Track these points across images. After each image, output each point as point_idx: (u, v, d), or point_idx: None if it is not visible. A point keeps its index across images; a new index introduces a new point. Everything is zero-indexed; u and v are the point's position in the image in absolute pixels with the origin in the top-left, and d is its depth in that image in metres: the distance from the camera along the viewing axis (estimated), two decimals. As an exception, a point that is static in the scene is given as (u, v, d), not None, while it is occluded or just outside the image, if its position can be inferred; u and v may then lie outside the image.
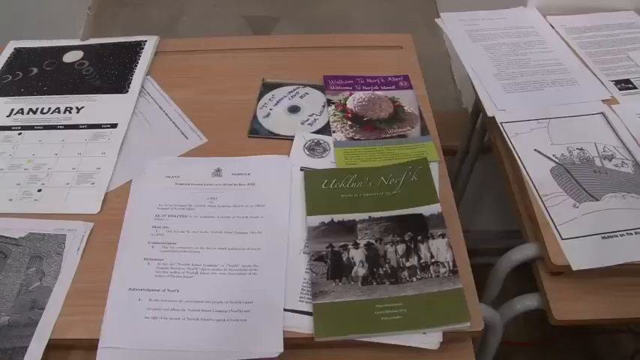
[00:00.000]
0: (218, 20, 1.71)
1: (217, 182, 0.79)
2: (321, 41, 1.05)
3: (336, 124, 0.86)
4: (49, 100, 0.95)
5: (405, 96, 0.91)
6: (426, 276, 0.68)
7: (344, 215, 0.74)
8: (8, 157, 0.86)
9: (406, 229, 0.72)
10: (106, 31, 1.61)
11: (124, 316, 0.67)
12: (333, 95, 0.91)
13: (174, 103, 0.92)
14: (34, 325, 0.67)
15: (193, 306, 0.67)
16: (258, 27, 1.64)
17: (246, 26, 1.67)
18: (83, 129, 0.89)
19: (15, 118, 0.92)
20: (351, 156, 0.82)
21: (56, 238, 0.76)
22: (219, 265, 0.70)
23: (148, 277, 0.70)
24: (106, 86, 0.96)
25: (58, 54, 1.04)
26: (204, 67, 1.00)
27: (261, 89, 0.93)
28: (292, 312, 0.66)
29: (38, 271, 0.72)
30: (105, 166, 0.83)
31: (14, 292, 0.71)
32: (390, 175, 0.79)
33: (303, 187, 0.77)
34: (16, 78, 1.00)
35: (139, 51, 1.02)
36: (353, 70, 0.97)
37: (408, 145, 0.83)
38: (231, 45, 1.05)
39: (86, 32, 1.49)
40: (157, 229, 0.74)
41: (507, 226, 1.53)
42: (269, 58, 1.02)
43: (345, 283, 0.68)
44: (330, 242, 0.71)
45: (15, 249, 0.75)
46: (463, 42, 1.06)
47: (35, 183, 0.82)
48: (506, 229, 1.53)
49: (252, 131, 0.86)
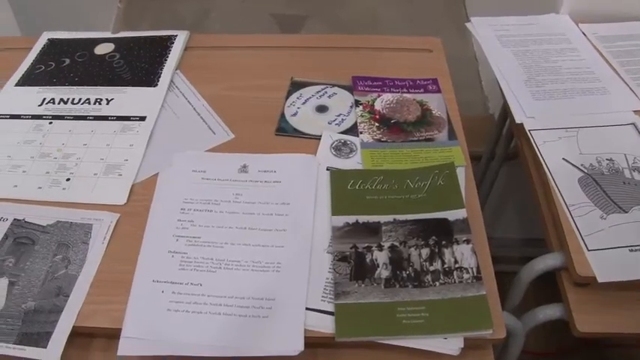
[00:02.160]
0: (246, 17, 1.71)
1: (243, 178, 0.79)
2: (350, 41, 1.05)
3: (364, 125, 0.86)
4: (79, 91, 0.96)
5: (434, 99, 0.91)
6: (449, 281, 0.68)
7: (369, 216, 0.74)
8: (39, 145, 0.88)
9: (431, 233, 0.72)
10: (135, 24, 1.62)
11: (146, 308, 0.67)
12: (361, 96, 0.91)
13: (202, 98, 0.93)
14: (59, 312, 0.68)
15: (216, 300, 0.67)
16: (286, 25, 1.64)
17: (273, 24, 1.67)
18: (112, 120, 0.90)
19: (46, 108, 0.94)
20: (377, 157, 0.82)
21: (83, 227, 0.76)
22: (243, 261, 0.70)
23: (171, 270, 0.70)
24: (136, 79, 0.97)
25: (90, 46, 1.05)
26: (232, 64, 1.00)
27: (289, 87, 0.94)
28: (314, 311, 0.66)
29: (64, 259, 0.73)
30: (132, 157, 0.84)
31: (41, 279, 0.72)
32: (417, 178, 0.78)
33: (329, 186, 0.78)
34: (49, 68, 1.01)
35: (170, 45, 1.03)
36: (381, 71, 0.97)
37: (435, 149, 0.83)
38: (260, 42, 1.05)
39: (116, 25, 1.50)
40: (182, 222, 0.75)
41: (529, 234, 1.51)
42: (297, 56, 1.02)
43: (367, 285, 0.67)
44: (354, 243, 0.71)
45: (43, 236, 0.76)
46: (493, 47, 1.05)
47: (64, 172, 0.83)
48: (528, 237, 1.52)
49: (279, 129, 0.86)
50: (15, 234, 0.76)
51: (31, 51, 1.06)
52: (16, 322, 0.68)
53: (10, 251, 0.75)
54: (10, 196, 0.81)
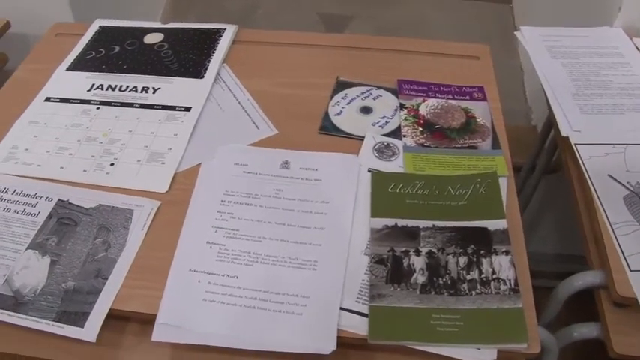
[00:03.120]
0: (292, 15, 1.72)
1: (284, 175, 0.79)
2: (397, 44, 1.04)
3: (407, 129, 0.86)
4: (127, 79, 0.98)
5: (479, 107, 0.90)
6: (486, 291, 0.67)
7: (408, 221, 0.73)
8: (85, 129, 0.89)
9: (469, 242, 0.71)
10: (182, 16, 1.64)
11: (182, 296, 0.68)
12: (406, 100, 0.91)
13: (247, 92, 0.93)
14: (97, 293, 0.69)
15: (251, 294, 0.67)
16: (332, 24, 1.64)
17: (319, 23, 1.67)
18: (158, 109, 0.92)
19: (95, 93, 0.96)
20: (419, 162, 0.81)
21: (124, 212, 0.78)
22: (280, 257, 0.70)
23: (209, 261, 0.71)
24: (183, 70, 0.98)
25: (140, 35, 1.07)
26: (279, 60, 1.01)
27: (334, 87, 0.94)
28: (348, 311, 0.66)
29: (105, 242, 0.75)
30: (176, 147, 0.85)
31: (81, 260, 0.73)
32: (458, 185, 0.78)
33: (370, 188, 0.77)
34: (99, 55, 1.03)
35: (218, 38, 1.04)
36: (427, 76, 0.96)
37: (478, 158, 0.82)
38: (307, 40, 1.06)
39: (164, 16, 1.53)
40: (222, 214, 0.75)
41: (564, 249, 1.49)
42: (343, 56, 1.02)
43: (403, 289, 0.67)
44: (392, 246, 0.71)
45: (85, 218, 0.77)
46: (542, 58, 1.04)
47: (109, 157, 0.85)
48: (563, 253, 1.49)
49: (322, 128, 0.87)
50: (59, 214, 0.78)
51: (82, 37, 1.08)
52: (56, 299, 0.69)
53: (53, 231, 0.76)
54: (56, 177, 0.83)
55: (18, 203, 0.80)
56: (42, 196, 0.80)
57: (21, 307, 0.69)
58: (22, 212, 0.79)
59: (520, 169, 1.32)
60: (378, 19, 1.63)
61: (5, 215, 0.78)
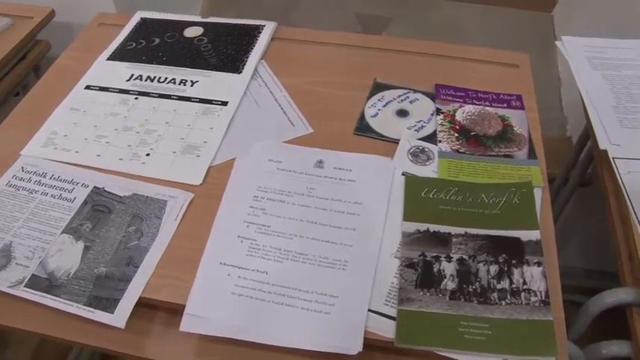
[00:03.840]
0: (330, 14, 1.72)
1: (318, 174, 0.79)
2: (435, 48, 1.04)
3: (443, 134, 0.85)
4: (166, 71, 0.99)
5: (516, 116, 0.89)
6: (516, 302, 0.66)
7: (440, 226, 0.73)
8: (123, 118, 0.91)
9: (501, 251, 0.71)
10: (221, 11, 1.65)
11: (211, 288, 0.69)
12: (443, 105, 0.90)
13: (284, 89, 0.94)
14: (127, 281, 0.70)
15: (280, 290, 0.68)
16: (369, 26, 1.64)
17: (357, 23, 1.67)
18: (195, 102, 0.92)
19: (133, 84, 0.97)
20: (454, 168, 0.80)
21: (157, 202, 0.79)
22: (310, 255, 0.71)
23: (239, 255, 0.71)
24: (221, 64, 0.99)
25: (180, 28, 1.08)
26: (316, 59, 1.01)
27: (371, 88, 0.93)
28: (376, 313, 0.66)
29: (137, 231, 0.76)
30: (211, 140, 0.86)
31: (114, 247, 0.74)
32: (492, 193, 0.77)
33: (403, 191, 0.77)
34: (139, 46, 1.04)
35: (257, 35, 1.05)
36: (464, 82, 0.95)
37: (514, 167, 0.81)
38: (345, 40, 1.06)
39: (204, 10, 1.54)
40: (254, 209, 0.76)
41: (593, 265, 1.47)
42: (381, 58, 1.02)
43: (432, 294, 0.67)
44: (422, 251, 0.70)
45: (119, 206, 0.79)
46: (582, 68, 1.02)
47: (145, 147, 0.86)
48: (592, 268, 1.47)
49: (357, 128, 0.87)
50: (94, 201, 0.79)
51: (124, 28, 1.10)
52: (88, 284, 0.70)
53: (87, 217, 0.77)
54: (92, 164, 0.84)
55: (55, 188, 0.81)
56: (78, 182, 0.82)
57: (54, 290, 0.70)
58: (58, 197, 0.80)
59: (553, 180, 1.30)
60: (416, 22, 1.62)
61: (42, 199, 0.80)
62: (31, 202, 0.80)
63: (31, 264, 0.73)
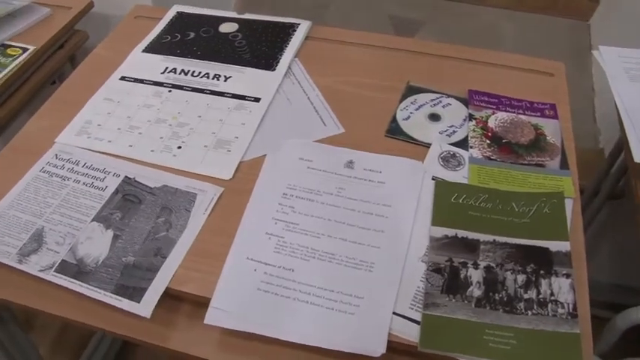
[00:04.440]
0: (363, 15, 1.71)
1: (348, 174, 0.79)
2: (470, 54, 1.03)
3: (475, 140, 0.85)
4: (200, 65, 1.00)
5: (549, 125, 0.88)
6: (543, 313, 0.66)
7: (469, 233, 0.72)
8: (156, 110, 0.92)
9: (529, 261, 0.70)
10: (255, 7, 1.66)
11: (238, 283, 0.69)
12: (475, 110, 0.89)
13: (317, 88, 0.94)
14: (155, 271, 0.71)
15: (305, 289, 0.68)
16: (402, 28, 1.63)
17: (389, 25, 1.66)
18: (228, 97, 0.93)
19: (167, 76, 0.98)
20: (484, 175, 0.80)
21: (187, 195, 0.79)
22: (337, 255, 0.71)
23: (266, 251, 0.72)
24: (255, 61, 0.99)
25: (215, 23, 1.09)
26: (350, 59, 1.01)
27: (404, 91, 0.93)
28: (400, 317, 0.65)
29: (166, 222, 0.76)
30: (243, 136, 0.86)
31: (143, 237, 0.75)
32: (522, 202, 0.76)
33: (432, 195, 0.77)
34: (174, 39, 1.06)
35: (292, 33, 1.05)
36: (498, 88, 0.94)
37: (545, 176, 0.80)
38: (379, 42, 1.05)
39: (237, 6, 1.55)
40: (283, 207, 0.76)
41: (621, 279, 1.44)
42: (414, 61, 1.01)
43: (458, 300, 0.66)
44: (450, 256, 0.70)
45: (149, 197, 0.79)
46: (620, 79, 1.01)
47: (176, 140, 0.87)
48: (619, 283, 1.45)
49: (389, 131, 0.86)
50: (125, 191, 0.80)
51: (160, 21, 1.11)
52: (115, 272, 0.71)
53: (118, 206, 0.78)
54: (124, 155, 0.85)
55: (87, 176, 0.82)
56: (110, 172, 0.83)
57: (83, 276, 0.71)
58: (90, 185, 0.81)
59: (582, 191, 1.29)
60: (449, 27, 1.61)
61: (75, 186, 0.81)
62: (64, 189, 0.81)
63: (61, 250, 0.74)
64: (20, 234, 0.76)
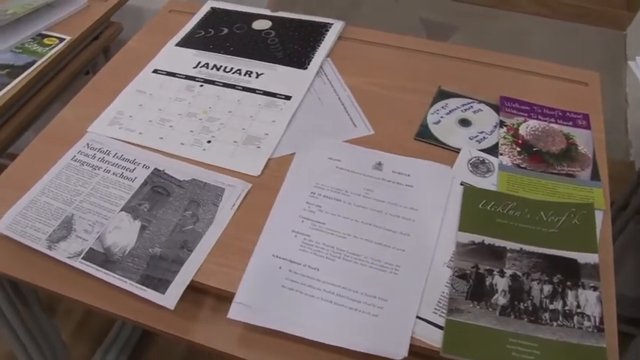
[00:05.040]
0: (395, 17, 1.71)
1: (376, 176, 0.79)
2: (502, 60, 1.02)
3: (505, 148, 0.84)
4: (232, 61, 1.00)
5: (581, 135, 0.87)
6: (568, 324, 0.65)
7: (495, 240, 0.72)
8: (187, 104, 0.92)
9: (556, 271, 0.69)
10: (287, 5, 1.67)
11: (262, 279, 0.69)
12: (506, 117, 0.89)
13: (348, 88, 0.94)
14: (180, 263, 0.72)
15: (330, 288, 0.68)
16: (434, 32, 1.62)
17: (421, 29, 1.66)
18: (259, 94, 0.93)
19: (199, 71, 0.99)
20: (513, 182, 0.79)
21: (215, 189, 0.80)
22: (363, 256, 0.71)
23: (292, 249, 0.72)
24: (287, 59, 1.00)
25: (249, 20, 1.10)
26: (382, 61, 1.01)
27: (435, 95, 0.93)
28: (423, 321, 0.65)
29: (194, 216, 0.77)
30: (273, 133, 0.87)
31: (170, 229, 0.76)
32: (551, 212, 0.75)
33: (460, 201, 0.76)
34: (208, 34, 1.06)
35: (324, 32, 1.05)
36: (530, 96, 0.94)
37: (575, 187, 0.79)
38: (411, 45, 1.05)
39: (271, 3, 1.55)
40: (310, 205, 0.76)
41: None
42: (446, 65, 1.01)
43: (482, 308, 0.66)
44: (476, 263, 0.70)
45: (177, 190, 0.80)
46: (655, 93, 0.99)
47: (206, 134, 0.87)
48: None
49: (419, 134, 0.86)
50: (154, 182, 0.81)
51: (194, 16, 1.12)
52: (142, 263, 0.72)
53: (146, 197, 0.79)
54: (155, 147, 0.86)
55: (117, 166, 0.83)
56: (140, 163, 0.84)
57: (109, 265, 0.72)
58: (120, 175, 0.82)
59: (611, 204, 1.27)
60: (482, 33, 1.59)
61: (105, 176, 0.82)
62: (94, 178, 0.82)
63: (89, 238, 0.75)
64: (50, 220, 0.77)
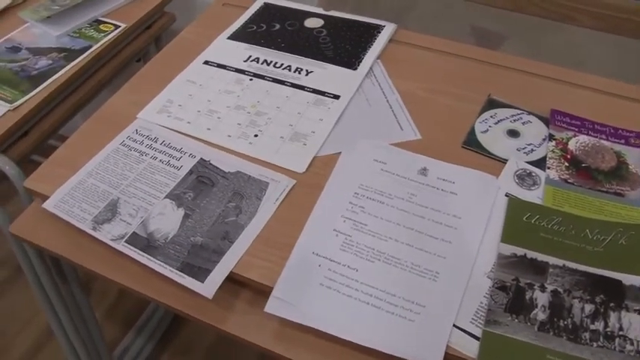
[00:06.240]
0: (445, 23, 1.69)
1: (421, 181, 0.79)
2: (554, 72, 1.01)
3: (553, 161, 0.83)
4: (283, 57, 1.01)
5: (633, 154, 0.85)
6: (609, 347, 0.63)
7: (538, 254, 0.71)
8: (236, 97, 0.93)
9: (599, 291, 0.68)
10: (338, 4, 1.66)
11: (301, 276, 0.70)
12: (556, 131, 0.87)
13: (397, 92, 0.94)
14: (221, 254, 0.73)
15: (368, 290, 0.68)
16: (483, 40, 1.60)
17: (470, 36, 1.64)
18: (308, 92, 0.94)
19: (250, 65, 1.00)
20: (559, 197, 0.78)
21: (259, 183, 0.81)
22: (403, 260, 0.70)
23: (332, 248, 0.72)
24: (338, 58, 1.00)
25: (301, 17, 1.10)
26: (432, 66, 1.00)
27: (484, 104, 0.92)
28: (460, 330, 0.65)
29: (237, 208, 0.78)
30: (320, 131, 0.87)
31: (212, 219, 0.76)
32: (597, 230, 0.74)
33: (504, 212, 0.75)
34: (260, 29, 1.07)
35: (376, 34, 1.05)
36: (581, 111, 0.92)
37: (624, 206, 0.78)
38: (462, 52, 1.04)
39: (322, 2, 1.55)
40: (353, 206, 0.76)
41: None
42: (497, 74, 1.00)
43: (521, 322, 0.65)
44: (517, 276, 0.69)
45: (222, 181, 0.81)
46: None
47: (254, 128, 0.88)
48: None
49: (466, 142, 0.85)
50: (199, 172, 0.82)
51: (247, 10, 1.13)
52: (183, 250, 0.73)
53: (191, 186, 0.80)
54: (202, 137, 0.87)
55: (164, 154, 0.85)
56: (186, 152, 0.85)
57: (151, 250, 0.73)
58: (166, 163, 0.84)
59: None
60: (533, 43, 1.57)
61: (151, 162, 0.84)
62: (141, 164, 0.84)
63: (133, 222, 0.76)
64: (97, 202, 0.79)
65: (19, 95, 1.02)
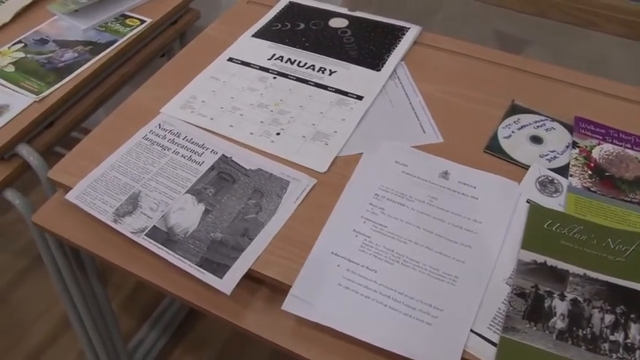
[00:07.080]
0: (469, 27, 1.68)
1: (442, 184, 0.79)
2: (579, 79, 1.00)
3: (576, 169, 0.82)
4: (307, 56, 1.01)
5: (658, 164, 0.84)
6: (629, 358, 0.63)
7: (559, 262, 0.70)
8: (259, 95, 0.94)
9: (620, 302, 0.67)
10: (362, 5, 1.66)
11: (319, 275, 0.70)
12: (580, 139, 0.87)
13: (420, 94, 0.93)
14: (240, 250, 0.73)
15: (386, 292, 0.68)
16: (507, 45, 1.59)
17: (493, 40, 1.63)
18: (331, 92, 0.94)
19: (274, 63, 1.00)
20: (581, 206, 0.77)
21: (280, 181, 0.81)
22: (422, 264, 0.70)
23: (352, 249, 0.72)
24: (361, 59, 1.00)
25: (325, 17, 1.10)
26: (456, 69, 1.00)
27: (508, 109, 0.91)
28: (477, 335, 0.65)
29: (257, 205, 0.78)
30: (342, 131, 0.87)
31: (232, 215, 0.77)
32: (619, 240, 0.73)
33: (525, 219, 0.75)
34: (284, 28, 1.08)
35: (400, 36, 1.05)
36: (606, 118, 0.91)
37: (647, 217, 0.77)
38: (487, 56, 1.04)
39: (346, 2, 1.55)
40: (374, 207, 0.76)
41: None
42: (521, 79, 0.99)
43: (539, 329, 0.65)
44: (536, 283, 0.68)
45: (243, 178, 0.81)
46: None
47: (276, 126, 0.88)
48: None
49: (488, 147, 0.85)
50: (220, 168, 0.83)
51: (271, 9, 1.14)
52: (202, 246, 0.74)
53: (212, 182, 0.81)
54: (224, 134, 0.88)
55: (186, 149, 0.85)
56: (208, 148, 0.86)
57: (171, 244, 0.74)
58: (188, 158, 0.84)
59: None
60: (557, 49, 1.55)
61: (173, 157, 0.84)
62: (163, 158, 0.84)
63: (154, 215, 0.77)
64: (118, 195, 0.79)
65: (45, 87, 1.03)
